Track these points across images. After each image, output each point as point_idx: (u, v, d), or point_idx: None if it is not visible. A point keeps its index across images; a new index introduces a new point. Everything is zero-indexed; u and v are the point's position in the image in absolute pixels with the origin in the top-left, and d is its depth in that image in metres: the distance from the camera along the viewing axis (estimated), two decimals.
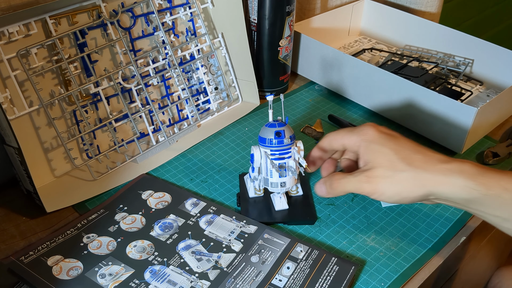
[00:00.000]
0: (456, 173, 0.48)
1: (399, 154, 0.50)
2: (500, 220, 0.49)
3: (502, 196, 0.47)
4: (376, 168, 0.51)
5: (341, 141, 0.56)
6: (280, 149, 0.57)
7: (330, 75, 0.85)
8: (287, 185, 0.59)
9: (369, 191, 0.51)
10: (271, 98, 0.58)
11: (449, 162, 0.49)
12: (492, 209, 0.48)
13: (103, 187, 0.65)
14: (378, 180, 0.51)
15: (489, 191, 0.47)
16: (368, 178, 0.51)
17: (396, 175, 0.50)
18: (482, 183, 0.47)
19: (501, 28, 2.06)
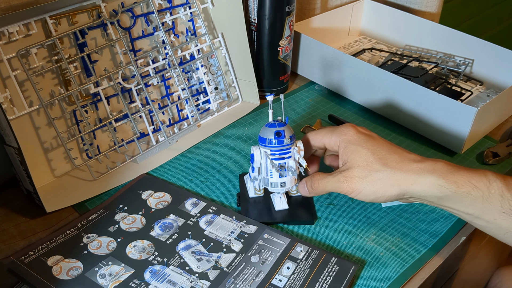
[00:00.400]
0: (429, 172, 0.50)
1: (376, 154, 0.53)
2: (472, 218, 0.51)
3: (472, 194, 0.49)
4: (354, 168, 0.53)
5: (322, 141, 0.58)
6: (280, 149, 0.57)
7: (330, 75, 0.85)
8: (287, 185, 0.59)
9: (347, 190, 0.54)
10: (271, 98, 0.58)
11: (422, 161, 0.52)
12: (463, 206, 0.50)
13: (103, 187, 0.65)
14: (355, 180, 0.53)
15: (459, 189, 0.49)
16: (346, 178, 0.53)
17: (372, 175, 0.52)
18: (453, 181, 0.49)
19: (501, 28, 2.06)
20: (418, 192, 0.51)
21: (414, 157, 0.53)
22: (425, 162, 0.51)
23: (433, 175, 0.50)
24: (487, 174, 0.49)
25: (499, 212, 0.48)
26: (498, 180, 0.49)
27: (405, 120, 0.77)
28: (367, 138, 0.54)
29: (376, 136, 0.55)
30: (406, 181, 0.51)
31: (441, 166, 0.51)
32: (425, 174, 0.50)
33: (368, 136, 0.55)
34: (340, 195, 0.65)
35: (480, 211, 0.49)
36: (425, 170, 0.51)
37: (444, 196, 0.50)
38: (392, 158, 0.52)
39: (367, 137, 0.54)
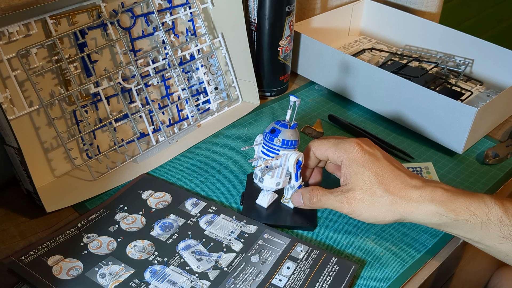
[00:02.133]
0: (428, 200, 0.51)
1: (379, 179, 0.53)
2: (472, 241, 0.52)
3: (471, 221, 0.50)
4: (356, 190, 0.53)
5: (325, 153, 0.57)
6: (268, 146, 0.57)
7: (330, 75, 0.85)
8: (264, 182, 0.59)
9: (347, 211, 0.54)
10: (293, 99, 0.57)
11: (422, 188, 0.52)
12: (463, 232, 0.51)
13: (103, 187, 0.65)
14: (356, 202, 0.53)
15: (459, 217, 0.50)
16: (348, 199, 0.54)
17: (373, 200, 0.52)
18: (452, 210, 0.50)
19: (501, 28, 2.06)
20: (418, 219, 0.52)
21: (415, 182, 0.53)
22: (425, 189, 0.52)
23: (432, 204, 0.51)
24: (486, 200, 0.50)
25: (499, 237, 0.49)
26: (497, 206, 0.49)
27: (405, 120, 0.77)
28: (372, 159, 0.54)
29: (380, 156, 0.54)
30: (406, 208, 0.52)
31: (440, 194, 0.51)
32: (424, 202, 0.51)
33: (373, 157, 0.54)
34: None
35: (480, 236, 0.50)
36: (425, 198, 0.51)
37: (443, 223, 0.51)
38: (394, 185, 0.52)
39: (371, 158, 0.54)
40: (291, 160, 0.57)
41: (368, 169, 0.53)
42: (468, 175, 0.69)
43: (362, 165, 0.53)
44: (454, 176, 0.69)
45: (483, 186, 0.67)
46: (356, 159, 0.54)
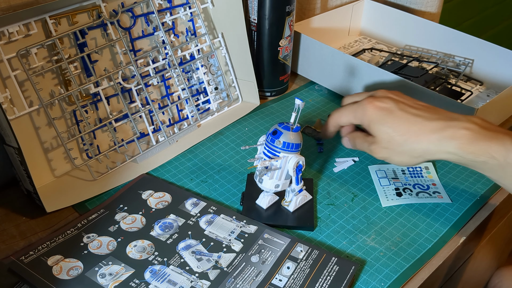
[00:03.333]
0: (447, 142, 0.53)
1: (396, 130, 0.56)
2: (491, 179, 0.55)
3: (489, 163, 0.52)
4: (380, 143, 0.58)
5: (348, 120, 0.62)
6: (270, 147, 0.58)
7: (330, 75, 0.85)
8: (263, 183, 0.59)
9: (380, 157, 0.59)
10: (297, 102, 0.58)
11: (441, 130, 0.54)
12: (482, 171, 0.54)
13: (103, 187, 0.65)
14: (384, 151, 0.58)
15: (477, 159, 0.52)
16: (375, 150, 0.59)
17: (397, 149, 0.57)
18: (471, 152, 0.52)
19: (501, 28, 2.06)
20: (440, 158, 0.55)
21: (434, 125, 0.55)
22: (445, 131, 0.54)
23: (451, 145, 0.53)
24: (506, 144, 0.51)
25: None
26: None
27: None
28: (386, 114, 0.57)
29: (393, 108, 0.57)
30: (427, 153, 0.55)
31: (461, 135, 0.53)
32: (443, 145, 0.54)
33: (386, 112, 0.57)
34: (340, 195, 0.65)
35: (497, 176, 0.53)
36: (444, 140, 0.54)
37: (463, 163, 0.54)
38: (412, 132, 0.55)
39: (385, 113, 0.57)
40: (291, 163, 0.58)
41: (385, 125, 0.57)
42: (468, 175, 0.69)
43: (379, 122, 0.57)
44: (454, 176, 0.69)
45: (483, 186, 0.67)
46: (372, 119, 0.58)
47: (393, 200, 0.64)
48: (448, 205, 0.64)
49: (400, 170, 0.69)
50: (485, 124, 0.54)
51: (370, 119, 0.58)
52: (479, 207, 0.64)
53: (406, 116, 0.56)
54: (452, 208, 0.64)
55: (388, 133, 0.57)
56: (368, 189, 0.66)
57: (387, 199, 0.64)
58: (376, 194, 0.65)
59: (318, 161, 0.71)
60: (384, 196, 0.65)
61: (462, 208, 0.63)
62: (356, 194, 0.65)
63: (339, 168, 0.69)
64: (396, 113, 0.57)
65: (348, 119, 0.61)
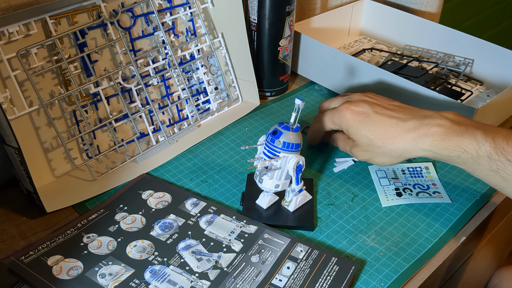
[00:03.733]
0: (421, 140, 0.56)
1: (374, 134, 0.59)
2: (468, 171, 0.57)
3: (462, 157, 0.55)
4: (360, 146, 0.61)
5: (327, 126, 0.65)
6: (270, 147, 0.58)
7: (330, 75, 0.85)
8: (263, 183, 0.59)
9: (362, 159, 0.63)
10: (297, 102, 0.58)
11: (416, 129, 0.57)
12: (456, 164, 0.56)
13: (103, 187, 0.65)
14: (366, 153, 0.61)
15: (451, 154, 0.55)
16: (358, 152, 0.62)
17: (377, 151, 0.60)
18: (444, 148, 0.55)
19: (501, 28, 2.06)
20: (418, 156, 0.58)
21: (409, 125, 0.57)
22: (419, 130, 0.56)
23: (426, 143, 0.56)
24: (477, 137, 0.53)
25: (488, 170, 0.54)
26: (487, 143, 0.53)
27: None
28: (362, 118, 0.60)
29: (369, 112, 0.60)
30: (405, 153, 0.58)
31: (435, 132, 0.55)
32: (418, 143, 0.56)
33: (363, 116, 0.60)
34: (340, 195, 0.65)
35: (471, 169, 0.55)
36: (419, 139, 0.56)
37: (439, 159, 0.57)
38: (389, 134, 0.58)
39: (362, 118, 0.60)
40: (291, 163, 0.58)
41: (362, 129, 0.60)
42: (468, 175, 0.69)
43: (356, 127, 0.60)
44: (454, 176, 0.69)
45: (483, 186, 0.67)
46: (350, 124, 0.61)
47: (393, 200, 0.64)
48: (448, 205, 0.64)
49: (400, 170, 0.69)
50: (458, 118, 0.56)
51: (348, 124, 0.61)
52: (479, 207, 0.64)
53: (382, 119, 0.59)
54: (452, 208, 0.64)
55: (367, 137, 0.59)
56: (368, 189, 0.66)
57: (387, 199, 0.64)
58: (376, 194, 0.65)
59: (318, 161, 0.71)
60: (384, 196, 0.65)
61: (462, 208, 0.63)
62: (356, 194, 0.65)
63: (339, 168, 0.69)
64: (373, 117, 0.59)
65: (328, 125, 0.64)
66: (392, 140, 0.58)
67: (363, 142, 0.60)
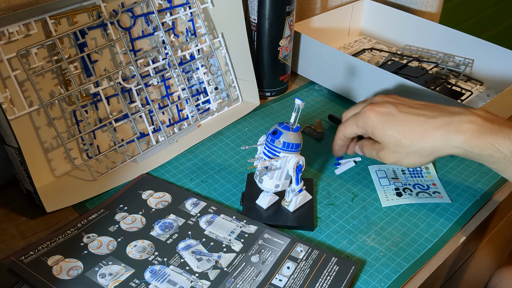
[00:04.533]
0: (453, 137, 0.54)
1: (402, 133, 0.56)
2: (496, 171, 0.55)
3: (494, 156, 0.52)
4: (387, 148, 0.58)
5: (352, 131, 0.61)
6: (270, 148, 0.58)
7: (330, 75, 0.85)
8: (263, 183, 0.59)
9: (390, 162, 0.59)
10: (297, 102, 0.58)
11: (445, 126, 0.54)
12: (487, 163, 0.54)
13: (103, 187, 0.65)
14: (393, 155, 0.58)
15: (483, 152, 0.52)
16: (385, 155, 0.59)
17: (405, 151, 0.57)
18: (476, 146, 0.52)
19: (501, 28, 2.06)
20: (449, 154, 0.55)
21: (438, 122, 0.55)
22: (449, 127, 0.54)
23: (457, 140, 0.53)
24: (511, 136, 0.51)
25: None
26: None
27: None
28: (387, 119, 0.57)
29: (394, 111, 0.57)
30: (435, 150, 0.55)
31: (467, 129, 0.53)
32: (449, 140, 0.54)
33: (388, 116, 0.57)
34: (340, 195, 0.65)
35: (502, 169, 0.53)
36: (450, 135, 0.54)
37: (470, 157, 0.54)
38: (417, 133, 0.55)
39: (387, 118, 0.57)
40: (291, 163, 0.58)
41: (388, 129, 0.57)
42: (468, 175, 0.69)
43: (382, 127, 0.57)
44: (454, 176, 0.69)
45: (483, 186, 0.67)
46: (375, 125, 0.58)
47: (393, 200, 0.64)
48: (448, 205, 0.64)
49: (400, 170, 0.69)
50: (489, 116, 0.54)
51: (373, 125, 0.58)
52: (479, 207, 0.64)
53: (409, 117, 0.56)
54: (452, 208, 0.64)
55: (394, 137, 0.56)
56: (368, 189, 0.66)
57: (387, 199, 0.64)
58: (376, 194, 0.65)
59: (318, 161, 0.71)
60: (384, 196, 0.65)
61: (462, 208, 0.63)
62: (356, 194, 0.65)
63: (341, 170, 0.69)
64: (398, 116, 0.57)
65: (352, 130, 0.61)
66: (421, 138, 0.55)
67: (390, 143, 0.57)
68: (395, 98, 0.60)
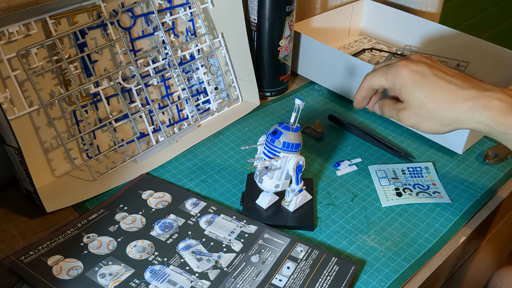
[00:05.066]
0: (479, 112, 0.52)
1: (429, 96, 0.55)
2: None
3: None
4: (410, 108, 0.56)
5: (379, 82, 0.59)
6: (270, 147, 0.58)
7: (330, 75, 0.85)
8: (263, 183, 0.59)
9: (408, 125, 0.58)
10: (297, 102, 0.58)
11: (474, 99, 0.53)
12: (510, 143, 0.53)
13: (103, 187, 0.65)
14: (414, 117, 0.57)
15: (508, 131, 0.51)
16: (405, 116, 0.57)
17: (427, 115, 0.55)
18: (502, 123, 0.51)
19: (501, 28, 2.06)
20: (469, 127, 0.54)
21: (468, 93, 0.53)
22: (478, 100, 0.52)
23: (483, 115, 0.52)
24: None
25: None
26: None
27: None
28: (419, 78, 0.55)
29: (428, 73, 0.56)
30: (457, 122, 0.54)
31: (495, 105, 0.51)
32: (475, 114, 0.52)
33: (420, 76, 0.55)
34: (340, 195, 0.65)
35: None
36: (476, 110, 0.52)
37: (493, 135, 0.53)
38: (444, 99, 0.54)
39: (418, 78, 0.55)
40: (291, 163, 0.58)
41: (417, 89, 0.55)
42: (468, 175, 0.69)
43: (411, 86, 0.55)
44: (454, 176, 0.69)
45: (483, 186, 0.67)
46: (405, 82, 0.56)
47: (393, 200, 0.64)
48: (448, 205, 0.64)
49: (400, 170, 0.69)
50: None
51: (402, 82, 0.56)
52: (479, 207, 0.64)
53: (440, 82, 0.55)
54: (452, 208, 0.64)
55: (420, 99, 0.55)
56: (368, 189, 0.66)
57: (387, 199, 0.64)
58: (376, 194, 0.65)
59: (318, 161, 0.71)
60: (384, 196, 0.65)
61: (462, 208, 0.63)
62: (356, 194, 0.65)
63: (342, 172, 0.69)
64: (430, 78, 0.55)
65: (380, 81, 0.59)
66: (447, 106, 0.54)
67: (414, 104, 0.56)
68: (432, 61, 0.58)
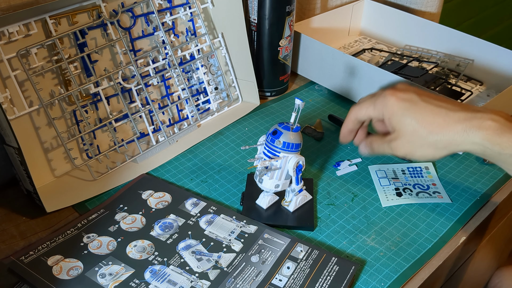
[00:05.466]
0: (473, 132, 0.52)
1: (420, 122, 0.54)
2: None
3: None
4: (402, 137, 0.56)
5: (366, 113, 0.58)
6: (270, 147, 0.58)
7: (330, 75, 0.85)
8: (263, 184, 0.59)
9: (402, 155, 0.57)
10: (297, 102, 0.58)
11: (467, 120, 0.52)
12: (506, 164, 0.53)
13: (103, 187, 0.65)
14: (407, 145, 0.56)
15: (503, 151, 0.51)
16: (398, 145, 0.57)
17: (420, 142, 0.55)
18: (498, 144, 0.51)
19: (501, 28, 2.06)
20: (465, 150, 0.53)
21: (459, 115, 0.53)
22: (471, 122, 0.52)
23: (478, 136, 0.51)
24: None
25: None
26: None
27: None
28: (409, 105, 0.55)
29: (416, 99, 0.55)
30: (452, 144, 0.53)
31: (489, 125, 0.51)
32: (469, 135, 0.52)
33: (409, 103, 0.55)
34: (340, 195, 0.65)
35: None
36: (471, 130, 0.52)
37: (488, 156, 0.52)
38: (437, 123, 0.53)
39: (408, 105, 0.55)
40: (291, 163, 0.58)
41: (408, 116, 0.55)
42: (468, 175, 0.69)
43: (401, 114, 0.55)
44: (454, 176, 0.69)
45: (483, 186, 0.67)
46: (394, 110, 0.55)
47: (393, 200, 0.64)
48: (448, 205, 0.64)
49: (400, 170, 0.69)
50: (510, 117, 0.53)
51: (392, 110, 0.55)
52: (479, 207, 0.64)
53: (430, 107, 0.54)
54: (452, 208, 0.64)
55: (412, 125, 0.54)
56: (368, 189, 0.66)
57: (387, 199, 0.64)
58: (376, 194, 0.65)
59: (318, 161, 0.71)
60: (384, 196, 0.65)
61: (462, 208, 0.63)
62: (356, 194, 0.65)
63: (342, 172, 0.69)
64: (420, 104, 0.55)
65: (367, 112, 0.58)
66: (440, 129, 0.53)
67: (406, 132, 0.55)
68: (418, 88, 0.58)
